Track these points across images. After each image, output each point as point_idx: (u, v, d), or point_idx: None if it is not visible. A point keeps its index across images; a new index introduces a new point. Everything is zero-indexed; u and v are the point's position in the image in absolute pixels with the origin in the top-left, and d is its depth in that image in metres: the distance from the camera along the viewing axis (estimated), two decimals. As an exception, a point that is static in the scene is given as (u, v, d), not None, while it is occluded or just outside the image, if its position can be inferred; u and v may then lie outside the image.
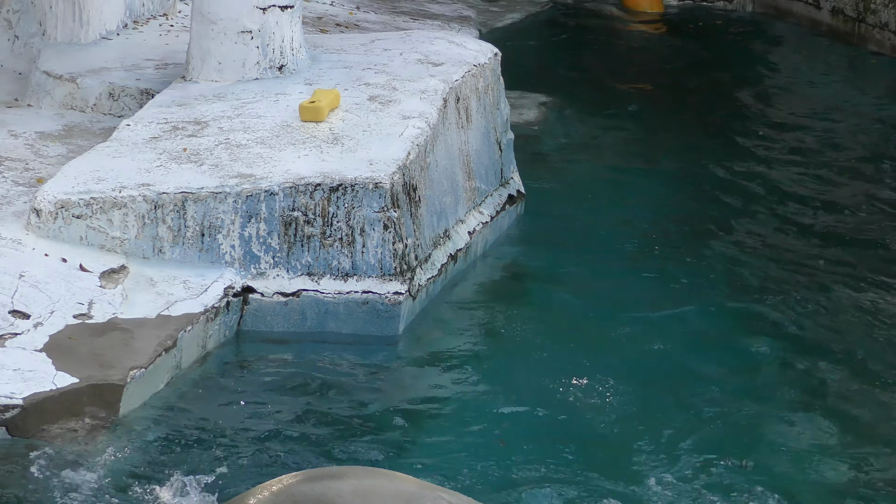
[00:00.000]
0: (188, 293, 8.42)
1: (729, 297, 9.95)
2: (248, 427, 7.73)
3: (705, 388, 8.60)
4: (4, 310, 7.85)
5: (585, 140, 13.31)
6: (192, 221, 8.66)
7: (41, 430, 7.19)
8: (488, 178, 10.48)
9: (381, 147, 9.16)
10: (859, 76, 16.07)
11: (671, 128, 13.84)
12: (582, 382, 8.40)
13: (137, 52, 11.35)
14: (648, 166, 12.72)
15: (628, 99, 14.83)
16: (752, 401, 8.48)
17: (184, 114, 9.73)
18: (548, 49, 16.40)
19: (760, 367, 8.97)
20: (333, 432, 7.74)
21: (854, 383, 8.78)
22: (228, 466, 7.33)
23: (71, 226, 8.60)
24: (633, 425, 8.05)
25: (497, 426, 7.96)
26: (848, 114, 14.73)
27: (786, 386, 8.68)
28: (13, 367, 7.38)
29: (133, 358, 7.70)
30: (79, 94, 10.72)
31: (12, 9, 11.46)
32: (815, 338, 9.38)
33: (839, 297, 10.02)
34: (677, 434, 8.00)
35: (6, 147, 9.86)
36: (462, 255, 9.69)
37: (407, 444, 7.72)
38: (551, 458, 7.65)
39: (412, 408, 8.11)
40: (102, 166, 8.97)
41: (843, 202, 12.04)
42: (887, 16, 16.15)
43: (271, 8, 10.33)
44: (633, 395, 8.36)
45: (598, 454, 7.76)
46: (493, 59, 10.90)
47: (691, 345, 9.22)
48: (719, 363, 9.00)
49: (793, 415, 8.34)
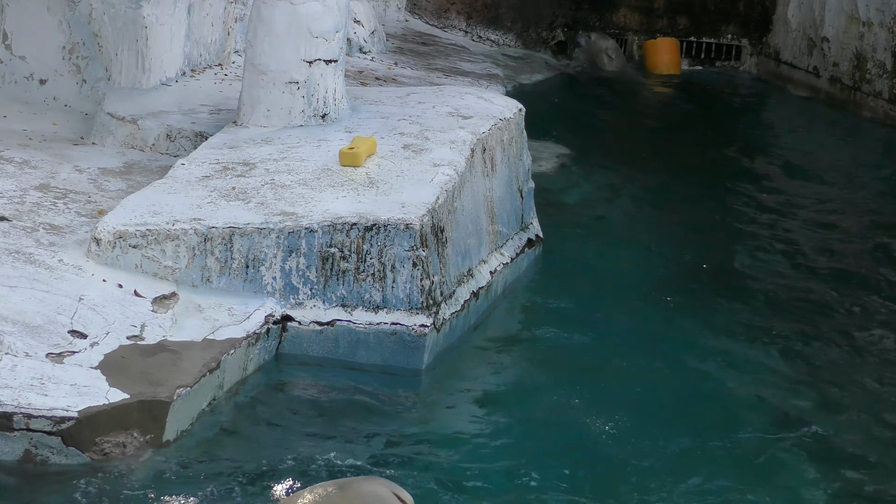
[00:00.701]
0: (232, 319, 8.41)
1: (738, 338, 9.89)
2: (282, 445, 7.71)
3: (715, 423, 8.52)
4: (64, 329, 7.85)
5: (602, 190, 13.30)
6: (238, 254, 8.67)
7: (93, 442, 7.19)
8: (510, 222, 10.47)
9: (413, 191, 9.16)
10: (855, 139, 16.04)
11: (682, 180, 13.83)
12: (594, 417, 8.35)
13: (194, 98, 11.39)
14: (660, 215, 12.71)
15: (642, 152, 14.84)
16: (766, 440, 8.35)
17: (234, 155, 9.75)
18: (569, 105, 16.41)
19: (772, 408, 8.85)
20: (359, 452, 7.71)
21: (867, 426, 8.66)
22: (262, 480, 7.33)
23: (127, 254, 8.62)
24: (646, 460, 7.94)
25: (513, 455, 7.91)
26: (842, 172, 14.73)
27: (798, 429, 8.56)
28: (70, 382, 7.37)
29: (180, 377, 7.69)
30: (139, 135, 10.74)
31: (81, 55, 11.51)
32: (823, 379, 9.31)
33: (846, 339, 9.96)
34: (689, 469, 7.90)
35: (71, 181, 9.89)
36: (484, 292, 9.67)
37: (427, 467, 7.69)
38: (565, 486, 7.58)
39: (433, 432, 8.08)
40: (158, 201, 8.99)
41: (845, 249, 12.09)
42: (881, 85, 16.13)
43: (317, 62, 10.36)
44: (644, 430, 8.28)
45: (611, 485, 7.67)
46: (517, 113, 10.91)
47: (699, 382, 9.15)
48: (726, 400, 8.92)
49: (806, 459, 8.18)
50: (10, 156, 10.18)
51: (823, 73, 17.04)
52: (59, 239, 8.85)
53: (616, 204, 12.97)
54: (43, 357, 7.55)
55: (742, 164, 14.81)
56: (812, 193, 13.88)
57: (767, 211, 13.08)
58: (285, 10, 10.25)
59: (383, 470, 7.54)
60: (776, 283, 11.13)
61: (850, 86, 16.60)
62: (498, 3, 18.00)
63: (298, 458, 7.56)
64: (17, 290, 8.09)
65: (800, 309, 10.58)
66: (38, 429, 7.10)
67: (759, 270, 11.48)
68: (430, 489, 7.38)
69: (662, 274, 11.05)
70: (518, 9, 18.01)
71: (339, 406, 8.22)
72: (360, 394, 8.39)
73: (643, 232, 12.17)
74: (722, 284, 11.01)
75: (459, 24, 17.94)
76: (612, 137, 15.35)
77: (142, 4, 11.33)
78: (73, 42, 11.52)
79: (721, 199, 13.35)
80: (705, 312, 10.32)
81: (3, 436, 7.06)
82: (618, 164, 14.13)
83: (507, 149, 10.57)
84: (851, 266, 11.67)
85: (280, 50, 10.29)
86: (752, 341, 9.85)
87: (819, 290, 11.01)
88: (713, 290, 10.85)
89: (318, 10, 10.28)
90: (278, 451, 7.64)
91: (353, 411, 8.16)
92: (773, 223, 12.70)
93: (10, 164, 10.02)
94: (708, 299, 10.62)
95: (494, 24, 18.01)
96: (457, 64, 15.83)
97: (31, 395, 7.20)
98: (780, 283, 11.13)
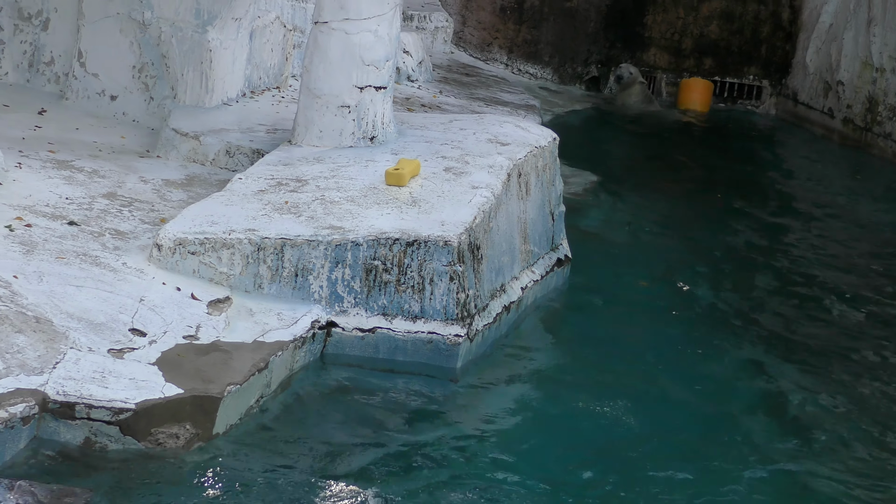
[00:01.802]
0: (281, 324, 8.42)
1: (761, 355, 9.85)
2: (323, 440, 7.72)
3: (735, 436, 8.47)
4: (125, 327, 7.87)
5: (628, 215, 13.28)
6: (288, 263, 8.68)
7: (148, 432, 7.20)
8: (541, 242, 10.45)
9: (452, 211, 9.15)
10: (865, 176, 15.97)
11: (703, 208, 13.81)
12: (613, 424, 8.34)
13: (252, 118, 11.42)
14: (682, 239, 12.68)
15: (667, 181, 14.80)
16: (797, 458, 8.28)
17: (287, 172, 9.77)
18: (601, 136, 16.39)
19: (805, 426, 8.78)
20: (392, 449, 7.73)
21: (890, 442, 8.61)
22: (304, 472, 7.34)
23: (186, 260, 8.63)
24: (672, 471, 7.87)
25: (539, 459, 7.89)
26: (852, 207, 14.68)
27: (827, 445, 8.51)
28: (129, 376, 7.39)
29: (230, 375, 7.69)
30: (200, 150, 10.77)
31: (150, 74, 11.56)
32: (846, 398, 9.26)
33: (867, 361, 9.91)
34: (713, 478, 7.85)
35: (137, 191, 9.92)
36: (515, 306, 9.65)
37: (456, 467, 7.68)
38: (588, 491, 7.55)
39: (465, 435, 8.06)
40: (216, 212, 9.01)
41: (855, 270, 12.11)
42: (891, 127, 16.05)
43: (367, 88, 10.37)
44: (668, 441, 8.24)
45: (631, 492, 7.61)
46: (552, 142, 10.90)
47: (718, 397, 9.11)
48: (746, 413, 8.87)
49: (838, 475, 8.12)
50: (80, 165, 10.22)
51: (837, 115, 16.97)
52: (123, 244, 8.88)
53: (641, 228, 12.94)
54: (105, 352, 7.57)
55: (759, 196, 14.77)
56: (823, 224, 13.92)
57: (781, 238, 13.09)
58: (340, 39, 10.28)
59: (413, 467, 7.54)
60: (791, 306, 11.11)
61: (862, 127, 16.53)
62: (537, 40, 17.99)
63: (337, 453, 7.58)
64: (84, 289, 8.12)
65: (828, 328, 10.56)
66: (98, 418, 7.11)
67: (774, 294, 11.46)
68: (456, 486, 7.38)
69: (682, 294, 11.01)
70: (556, 45, 18.01)
71: (376, 407, 8.22)
72: (397, 396, 8.40)
73: (665, 255, 12.16)
74: (738, 304, 10.99)
75: (501, 58, 17.95)
76: (639, 167, 15.32)
77: (207, 29, 11.38)
78: (143, 62, 11.57)
79: (739, 227, 13.33)
80: (722, 330, 10.30)
81: (66, 424, 7.08)
82: (644, 192, 14.10)
83: (541, 174, 10.56)
84: (863, 289, 11.66)
85: (334, 76, 10.31)
86: (768, 358, 9.81)
87: (833, 309, 11.01)
88: (730, 310, 10.83)
89: (370, 40, 10.30)
90: (319, 445, 7.65)
91: (389, 412, 8.16)
92: (787, 250, 12.72)
93: (80, 172, 10.06)
94: (724, 318, 10.60)
95: (533, 59, 18.01)
96: (497, 94, 15.82)
97: (93, 387, 7.22)
98: (795, 304, 11.10)
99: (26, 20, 11.91)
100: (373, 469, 7.47)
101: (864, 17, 16.60)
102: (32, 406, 6.99)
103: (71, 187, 9.71)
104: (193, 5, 11.38)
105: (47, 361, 7.31)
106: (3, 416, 6.83)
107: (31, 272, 8.14)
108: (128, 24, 11.54)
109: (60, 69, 11.90)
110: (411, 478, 7.46)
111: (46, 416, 7.06)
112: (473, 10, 17.99)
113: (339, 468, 7.43)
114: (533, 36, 17.97)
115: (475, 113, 13.42)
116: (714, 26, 18.18)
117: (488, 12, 17.96)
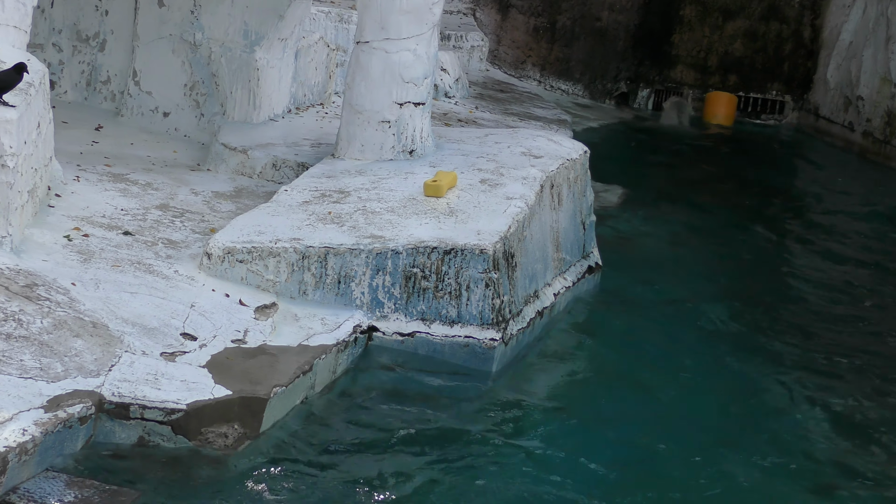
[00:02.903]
0: (324, 328, 8.42)
1: (786, 360, 9.80)
2: (365, 438, 7.72)
3: (748, 441, 8.39)
4: (177, 332, 7.88)
5: (655, 225, 13.24)
6: (331, 271, 8.68)
7: (199, 431, 7.21)
8: (573, 251, 10.42)
9: (488, 221, 9.14)
10: (885, 186, 15.87)
11: (728, 217, 13.76)
12: (647, 427, 8.29)
13: (297, 133, 11.44)
14: (707, 247, 12.65)
15: (693, 192, 14.74)
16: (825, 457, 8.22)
17: (331, 184, 9.77)
18: (630, 149, 16.36)
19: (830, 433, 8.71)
20: (432, 449, 7.72)
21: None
22: (346, 467, 7.36)
23: (234, 268, 8.65)
24: (696, 470, 7.83)
25: (570, 454, 7.86)
26: (872, 215, 14.60)
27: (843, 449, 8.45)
28: (181, 378, 7.40)
29: (277, 377, 7.69)
30: (248, 163, 10.80)
31: (200, 92, 11.60)
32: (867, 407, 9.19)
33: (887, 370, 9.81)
34: (734, 477, 7.80)
35: (188, 202, 9.95)
36: (547, 312, 9.63)
37: (489, 461, 7.67)
38: (619, 489, 7.51)
39: (497, 431, 8.05)
40: (263, 222, 9.02)
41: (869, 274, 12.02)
42: (909, 139, 15.98)
43: (407, 104, 10.37)
44: (692, 442, 8.19)
45: (663, 490, 7.57)
46: (583, 155, 10.87)
47: (742, 398, 9.07)
48: (766, 417, 8.79)
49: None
50: (135, 178, 10.26)
51: (857, 128, 16.88)
52: (175, 252, 8.90)
53: (667, 237, 12.90)
54: (157, 356, 7.58)
55: (782, 206, 14.72)
56: (843, 230, 13.87)
57: (804, 245, 13.08)
58: (381, 58, 10.29)
59: (452, 465, 7.53)
60: (811, 311, 11.08)
61: (881, 139, 16.44)
62: (568, 58, 17.97)
63: (377, 449, 7.61)
64: (138, 296, 8.14)
65: (844, 336, 10.51)
66: (151, 418, 7.12)
67: (795, 299, 11.43)
68: (493, 481, 7.38)
69: (707, 299, 10.97)
70: (586, 63, 17.98)
71: (414, 405, 8.21)
72: (435, 396, 8.38)
73: (691, 262, 12.12)
74: (761, 309, 10.97)
75: (534, 75, 17.92)
76: (666, 179, 15.26)
77: (255, 49, 11.41)
78: (194, 80, 11.60)
79: (762, 234, 13.30)
80: (745, 334, 10.27)
81: (121, 423, 7.09)
82: (671, 202, 14.06)
83: (572, 186, 10.53)
84: (878, 285, 11.63)
85: (375, 93, 10.32)
86: (791, 360, 9.77)
87: (847, 310, 10.95)
88: (754, 314, 10.82)
89: (409, 59, 10.31)
90: (361, 444, 7.65)
91: (427, 410, 8.16)
92: (810, 254, 12.73)
93: (135, 185, 10.10)
94: (749, 322, 10.60)
95: (565, 76, 17.99)
96: (530, 110, 15.80)
97: (147, 388, 7.23)
98: (815, 308, 11.07)
99: (84, 42, 11.97)
100: (412, 465, 7.47)
101: (882, 36, 16.51)
102: (89, 407, 7.01)
103: (126, 199, 9.74)
104: (242, 27, 11.41)
105: (103, 364, 7.33)
106: (62, 416, 6.85)
107: (89, 279, 8.17)
108: (180, 45, 11.58)
109: (116, 88, 11.95)
110: (450, 473, 7.46)
111: (102, 416, 7.08)
112: (508, 30, 17.98)
113: (381, 465, 7.42)
114: (564, 54, 17.95)
115: (509, 127, 13.40)
116: (738, 44, 18.11)
117: (522, 32, 17.95)
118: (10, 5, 9.07)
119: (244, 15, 11.39)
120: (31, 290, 7.76)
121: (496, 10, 17.92)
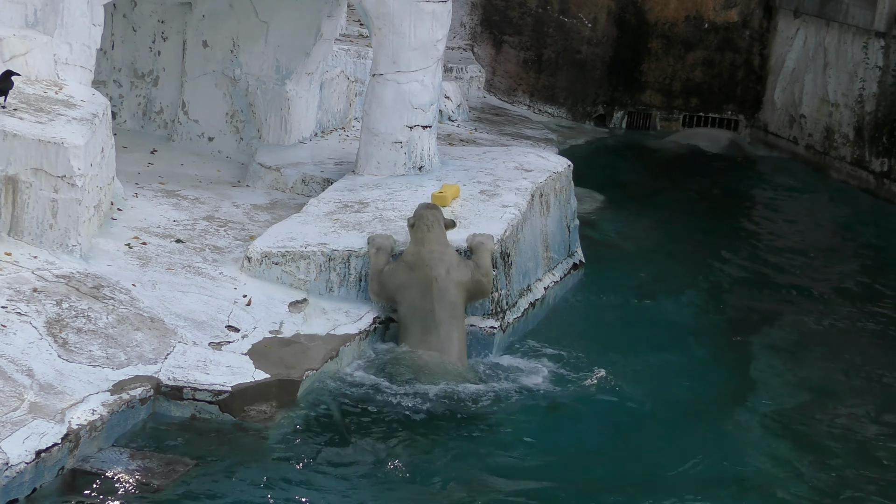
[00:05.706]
0: (348, 320, 8.41)
1: (754, 356, 9.58)
2: (385, 412, 7.70)
3: (735, 421, 8.21)
4: (222, 325, 7.89)
5: (631, 227, 13.19)
6: (353, 270, 8.67)
7: (242, 409, 7.21)
8: (559, 250, 10.41)
9: (487, 225, 9.12)
10: (823, 192, 15.83)
11: (693, 219, 13.71)
12: (624, 406, 8.18)
13: (323, 153, 11.43)
14: (676, 246, 12.57)
15: (664, 198, 14.68)
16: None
17: (352, 196, 9.77)
18: (607, 163, 16.27)
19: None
20: (440, 416, 7.73)
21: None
22: (368, 437, 7.38)
23: (271, 269, 8.64)
24: (676, 460, 7.54)
25: (552, 431, 7.80)
26: (815, 219, 14.58)
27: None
28: (226, 364, 7.41)
29: (308, 362, 7.70)
30: (281, 180, 10.79)
31: (240, 119, 11.60)
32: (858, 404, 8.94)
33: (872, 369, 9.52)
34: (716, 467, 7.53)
35: (230, 214, 9.95)
36: (539, 303, 9.62)
37: (490, 436, 7.67)
38: (603, 473, 7.39)
39: (496, 409, 7.98)
40: (295, 230, 9.02)
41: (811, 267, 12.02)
42: (845, 152, 15.95)
43: (416, 127, 10.37)
44: (671, 424, 8.04)
45: (652, 483, 7.30)
46: (567, 168, 10.86)
47: (712, 385, 8.91)
48: (745, 406, 8.53)
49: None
50: (185, 194, 10.26)
51: (801, 142, 16.85)
52: (220, 257, 8.90)
53: (642, 237, 12.85)
54: (206, 345, 7.59)
55: (735, 209, 14.69)
56: (792, 227, 13.94)
57: (760, 242, 13.05)
58: (393, 88, 10.29)
59: (459, 429, 7.52)
60: (759, 291, 11.16)
61: (821, 152, 16.41)
62: (553, 85, 17.95)
63: (395, 422, 7.60)
64: (189, 294, 8.14)
65: (813, 324, 10.42)
66: (201, 399, 7.14)
67: (745, 281, 11.44)
68: (487, 450, 7.37)
69: (676, 290, 10.93)
70: (569, 89, 17.96)
71: (426, 383, 8.13)
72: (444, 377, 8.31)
73: (662, 258, 12.08)
74: (722, 296, 10.93)
75: (524, 100, 17.90)
76: (640, 187, 15.19)
77: (286, 82, 11.40)
78: (234, 109, 11.60)
79: (723, 231, 13.31)
80: (708, 319, 10.25)
81: (176, 403, 7.11)
82: (644, 208, 14.01)
83: (558, 194, 10.51)
84: (830, 280, 11.59)
85: (388, 118, 10.31)
86: (769, 354, 9.63)
87: (792, 288, 10.97)
88: (717, 301, 10.77)
89: (418, 88, 10.31)
90: (379, 417, 7.64)
91: (437, 387, 8.07)
92: (762, 251, 12.70)
93: (185, 200, 10.10)
94: (713, 308, 10.57)
95: (551, 101, 17.96)
96: (522, 130, 15.78)
97: (197, 373, 7.24)
98: (785, 305, 10.97)
99: (140, 78, 11.97)
100: (421, 432, 7.47)
101: (821, 62, 16.52)
102: (148, 390, 7.02)
103: (177, 212, 9.74)
104: (274, 63, 11.41)
105: (160, 353, 7.34)
106: (125, 398, 6.87)
107: (147, 281, 8.17)
108: (222, 79, 11.57)
109: (168, 117, 11.95)
110: (456, 439, 7.46)
111: (160, 397, 7.10)
112: (501, 63, 17.97)
113: (394, 435, 7.41)
114: (550, 82, 17.93)
115: (504, 146, 13.38)
116: (698, 72, 18.05)
117: (513, 64, 17.93)
118: (77, 48, 9.10)
119: (276, 53, 11.38)
120: (97, 291, 7.77)
121: (491, 46, 17.91)
